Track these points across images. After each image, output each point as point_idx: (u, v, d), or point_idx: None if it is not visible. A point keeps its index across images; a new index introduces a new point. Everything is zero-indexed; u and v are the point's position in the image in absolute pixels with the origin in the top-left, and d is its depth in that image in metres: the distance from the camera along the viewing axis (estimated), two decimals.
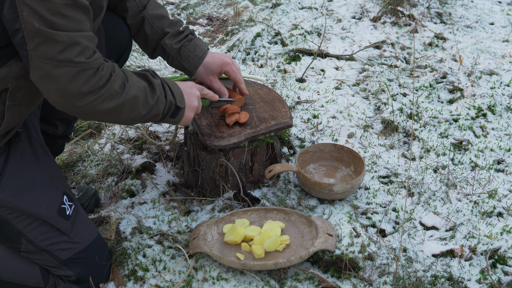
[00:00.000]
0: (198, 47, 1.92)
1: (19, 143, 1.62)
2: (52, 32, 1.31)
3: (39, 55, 1.33)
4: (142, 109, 1.55)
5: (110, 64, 1.48)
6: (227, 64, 1.94)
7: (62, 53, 1.34)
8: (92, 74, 1.40)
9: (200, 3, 4.12)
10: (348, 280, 1.73)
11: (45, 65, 1.34)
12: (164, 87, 1.63)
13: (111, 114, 1.49)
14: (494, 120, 2.58)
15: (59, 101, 1.41)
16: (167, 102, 1.62)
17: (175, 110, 1.66)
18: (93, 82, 1.40)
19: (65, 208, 1.65)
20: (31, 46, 1.32)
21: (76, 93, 1.39)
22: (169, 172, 2.26)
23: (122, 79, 1.50)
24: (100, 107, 1.45)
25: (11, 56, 1.43)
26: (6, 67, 1.43)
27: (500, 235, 1.92)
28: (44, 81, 1.37)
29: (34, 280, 1.68)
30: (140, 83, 1.55)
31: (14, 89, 1.47)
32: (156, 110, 1.59)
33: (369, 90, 2.79)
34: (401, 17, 3.58)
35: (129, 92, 1.50)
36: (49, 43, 1.32)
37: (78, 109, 1.43)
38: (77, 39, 1.35)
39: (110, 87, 1.45)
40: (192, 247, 1.79)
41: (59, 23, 1.31)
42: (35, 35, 1.31)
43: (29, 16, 1.28)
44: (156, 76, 1.64)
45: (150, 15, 1.88)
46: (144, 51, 1.98)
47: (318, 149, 2.18)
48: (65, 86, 1.37)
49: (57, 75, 1.35)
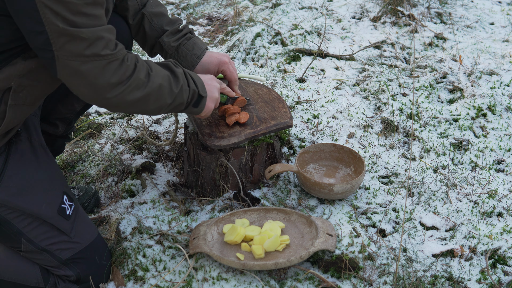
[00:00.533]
0: (196, 46, 1.93)
1: (19, 142, 1.62)
2: (76, 30, 1.34)
3: (66, 53, 1.36)
4: (168, 98, 1.59)
5: (133, 55, 1.52)
6: (224, 64, 1.96)
7: (88, 48, 1.37)
8: (119, 65, 1.44)
9: (200, 3, 4.12)
10: (348, 280, 1.73)
11: (73, 63, 1.37)
12: (187, 76, 1.66)
13: (139, 104, 1.53)
14: (494, 120, 2.58)
15: (90, 94, 1.45)
16: (190, 91, 1.65)
17: (198, 99, 1.69)
18: (120, 73, 1.44)
19: (65, 208, 1.65)
20: (57, 46, 1.35)
21: (105, 85, 1.43)
22: (169, 172, 2.26)
23: (146, 68, 1.53)
24: (128, 98, 1.49)
25: (17, 55, 1.45)
26: (11, 65, 1.45)
27: (500, 235, 1.92)
28: (73, 78, 1.41)
29: (34, 280, 1.68)
30: (163, 72, 1.59)
31: (17, 88, 1.47)
32: (181, 98, 1.63)
33: (369, 90, 2.79)
34: (401, 17, 3.58)
35: (154, 81, 1.54)
36: (75, 41, 1.35)
37: (108, 101, 1.47)
38: (100, 33, 1.39)
39: (137, 76, 1.49)
40: (192, 247, 1.79)
41: (81, 21, 1.34)
42: (60, 35, 1.33)
43: (52, 18, 1.31)
44: (178, 65, 1.67)
45: (149, 12, 1.89)
46: (143, 49, 1.99)
47: (318, 149, 2.18)
48: (94, 80, 1.41)
49: (86, 70, 1.39)
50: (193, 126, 2.02)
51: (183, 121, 2.32)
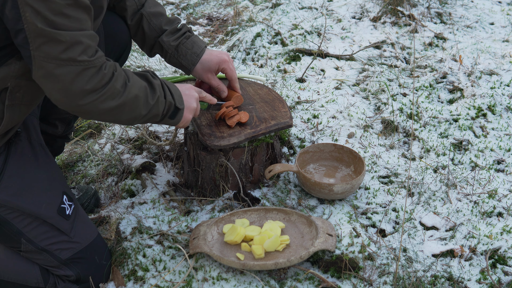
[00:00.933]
0: (195, 44, 1.93)
1: (19, 142, 1.62)
2: (54, 32, 1.31)
3: (42, 54, 1.34)
4: (143, 109, 1.56)
5: (112, 63, 1.49)
6: (225, 62, 1.95)
7: (65, 52, 1.34)
8: (95, 72, 1.41)
9: (200, 3, 4.12)
10: (348, 280, 1.73)
11: (48, 65, 1.35)
12: (164, 87, 1.64)
13: (113, 113, 1.50)
14: (494, 120, 2.58)
15: (62, 99, 1.42)
16: (166, 103, 1.62)
17: (174, 111, 1.67)
18: (96, 81, 1.41)
19: (64, 207, 1.65)
20: (34, 46, 1.33)
21: (79, 91, 1.39)
22: (169, 172, 2.26)
23: (123, 78, 1.50)
24: (102, 106, 1.45)
25: (11, 55, 1.43)
26: (6, 66, 1.43)
27: (500, 235, 1.92)
28: (47, 81, 1.38)
29: (34, 280, 1.68)
30: (141, 83, 1.56)
31: (13, 88, 1.47)
32: (156, 110, 1.60)
33: (369, 90, 2.79)
34: (401, 17, 3.58)
35: (131, 91, 1.50)
36: (52, 43, 1.33)
37: (81, 108, 1.44)
38: (79, 38, 1.36)
39: (113, 86, 1.45)
40: (192, 247, 1.79)
41: (61, 23, 1.32)
42: (37, 35, 1.31)
43: (32, 17, 1.29)
44: (156, 76, 1.65)
45: (148, 12, 1.88)
46: (142, 49, 1.99)
47: (318, 149, 2.18)
48: (68, 85, 1.38)
49: (60, 74, 1.36)
50: (193, 126, 2.02)
51: None
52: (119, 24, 1.87)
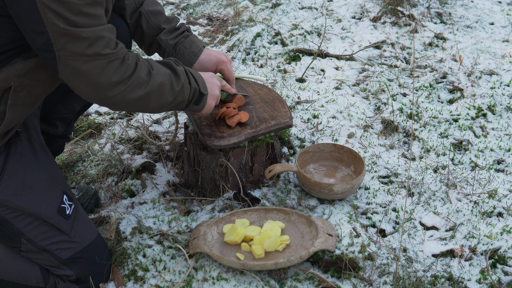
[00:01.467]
0: (193, 44, 1.93)
1: (19, 142, 1.62)
2: (77, 30, 1.35)
3: (67, 53, 1.37)
4: (169, 96, 1.59)
5: (134, 54, 1.52)
6: (223, 62, 1.96)
7: (89, 48, 1.38)
8: (120, 64, 1.45)
9: (200, 3, 4.12)
10: (348, 280, 1.73)
11: (75, 62, 1.38)
12: (188, 74, 1.67)
13: (141, 102, 1.53)
14: (494, 120, 2.58)
15: (91, 93, 1.46)
16: (191, 88, 1.66)
17: (199, 97, 1.70)
18: (121, 72, 1.45)
19: (65, 207, 1.65)
20: (58, 46, 1.35)
21: (107, 84, 1.44)
22: (169, 172, 2.26)
23: (147, 67, 1.54)
24: (130, 96, 1.49)
25: (17, 55, 1.45)
26: (11, 65, 1.45)
27: (500, 235, 1.92)
28: (75, 77, 1.42)
29: (34, 280, 1.68)
30: (165, 70, 1.59)
31: (17, 87, 1.48)
32: (182, 96, 1.63)
33: (369, 90, 2.79)
34: (401, 17, 3.58)
35: (156, 80, 1.54)
36: (76, 40, 1.36)
37: (110, 100, 1.48)
38: (101, 33, 1.39)
39: (138, 75, 1.49)
40: (192, 247, 1.79)
41: (82, 21, 1.35)
42: (61, 35, 1.34)
43: (53, 18, 1.31)
44: (179, 63, 1.68)
45: (146, 11, 1.90)
46: (140, 48, 2.00)
47: (318, 149, 2.18)
48: (96, 79, 1.42)
49: (87, 69, 1.40)
50: (193, 126, 2.02)
51: (183, 121, 2.32)
52: (120, 23, 1.88)
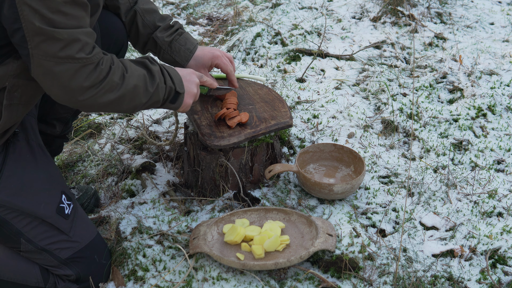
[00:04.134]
0: (188, 41, 1.94)
1: (17, 143, 1.62)
2: (52, 30, 1.33)
3: (40, 53, 1.35)
4: (143, 97, 1.58)
5: (109, 57, 1.50)
6: (218, 57, 1.96)
7: (63, 50, 1.36)
8: (93, 69, 1.43)
9: (200, 3, 4.12)
10: (348, 280, 1.73)
11: (47, 63, 1.36)
12: (163, 73, 1.65)
13: (113, 105, 1.52)
14: (494, 120, 2.58)
15: (62, 96, 1.45)
16: (166, 88, 1.64)
17: (175, 96, 1.68)
18: (94, 77, 1.43)
19: (63, 207, 1.65)
20: (32, 45, 1.34)
21: (78, 88, 1.42)
22: (169, 172, 2.25)
23: (121, 70, 1.52)
24: (101, 100, 1.48)
25: (9, 55, 1.44)
26: (4, 65, 1.44)
27: (500, 235, 1.91)
28: (46, 78, 1.40)
29: (33, 280, 1.68)
30: (139, 71, 1.58)
31: (11, 87, 1.47)
32: (157, 97, 1.62)
33: (369, 90, 2.79)
34: (401, 17, 3.58)
35: (129, 82, 1.53)
36: (50, 41, 1.34)
37: (80, 103, 1.47)
38: (77, 35, 1.37)
39: (110, 79, 1.48)
40: (192, 247, 1.79)
41: (59, 21, 1.33)
42: (36, 34, 1.32)
43: (30, 15, 1.30)
44: (155, 62, 1.66)
45: (141, 9, 1.90)
46: (134, 47, 2.00)
47: (318, 149, 2.18)
48: (67, 82, 1.40)
49: (59, 71, 1.38)
50: (193, 126, 2.02)
51: (183, 121, 2.32)
52: (116, 22, 1.88)
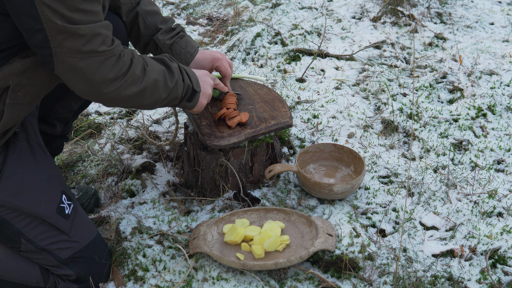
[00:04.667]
0: (189, 44, 1.96)
1: (17, 143, 1.62)
2: (74, 27, 1.35)
3: (64, 50, 1.37)
4: (163, 92, 1.61)
5: (129, 50, 1.53)
6: (218, 60, 1.98)
7: (86, 45, 1.39)
8: (116, 61, 1.46)
9: (200, 3, 4.12)
10: (348, 280, 1.73)
11: (71, 59, 1.39)
12: (181, 70, 1.68)
13: (135, 98, 1.54)
14: (494, 120, 2.58)
15: (87, 90, 1.47)
16: (184, 85, 1.67)
17: (192, 94, 1.71)
18: (117, 68, 1.46)
19: (64, 207, 1.65)
20: (55, 43, 1.36)
21: (103, 81, 1.45)
22: (169, 172, 2.26)
23: (142, 64, 1.55)
24: (124, 93, 1.50)
25: (14, 54, 1.46)
26: (9, 64, 1.46)
27: (500, 235, 1.92)
28: (71, 74, 1.43)
29: (34, 280, 1.68)
30: (159, 67, 1.60)
31: (15, 87, 1.48)
32: (175, 93, 1.65)
33: (369, 90, 2.79)
34: (401, 17, 3.58)
35: (150, 76, 1.55)
36: (73, 37, 1.36)
37: (105, 96, 1.49)
38: (97, 30, 1.40)
39: (133, 72, 1.51)
40: (192, 247, 1.79)
41: (79, 18, 1.36)
42: (58, 32, 1.35)
43: (50, 15, 1.32)
44: (173, 60, 1.69)
45: (143, 10, 1.91)
46: (134, 47, 2.00)
47: (318, 149, 2.18)
48: (92, 76, 1.43)
49: (84, 66, 1.41)
50: (193, 126, 2.02)
51: (183, 121, 2.32)
52: (117, 22, 1.88)
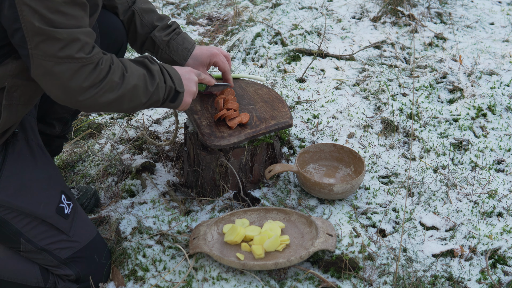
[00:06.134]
0: (186, 40, 1.95)
1: (16, 143, 1.62)
2: (52, 30, 1.33)
3: (40, 53, 1.35)
4: (143, 97, 1.58)
5: (108, 57, 1.50)
6: (216, 55, 1.97)
7: (62, 50, 1.36)
8: (93, 69, 1.43)
9: (200, 3, 4.12)
10: (348, 280, 1.73)
11: (47, 63, 1.36)
12: (163, 72, 1.65)
13: (113, 105, 1.52)
14: (494, 120, 2.58)
15: (61, 96, 1.44)
16: (166, 87, 1.64)
17: (175, 95, 1.69)
18: (93, 77, 1.43)
19: (63, 207, 1.65)
20: (32, 45, 1.34)
21: (77, 88, 1.42)
22: (169, 172, 2.25)
23: (121, 69, 1.52)
24: (101, 100, 1.47)
25: (8, 55, 1.44)
26: (3, 66, 1.44)
27: (500, 235, 1.91)
28: (46, 78, 1.40)
29: (33, 280, 1.68)
30: (139, 71, 1.57)
31: (11, 88, 1.48)
32: (157, 96, 1.62)
33: (369, 90, 2.79)
34: (401, 17, 3.58)
35: (129, 82, 1.52)
36: (50, 41, 1.34)
37: (80, 103, 1.46)
38: (77, 35, 1.37)
39: (110, 79, 1.47)
40: (192, 247, 1.79)
41: (59, 21, 1.33)
42: (35, 34, 1.32)
43: (29, 16, 1.30)
44: (154, 61, 1.66)
45: (140, 8, 1.91)
46: (132, 46, 2.00)
47: (318, 149, 2.18)
48: (66, 82, 1.40)
49: (59, 71, 1.38)
50: (193, 126, 2.02)
51: (183, 121, 2.32)
52: (115, 21, 1.88)
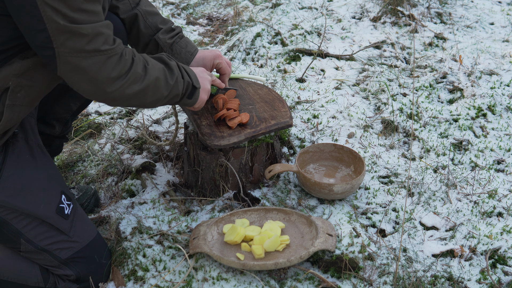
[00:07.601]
0: (189, 44, 1.98)
1: (16, 143, 1.63)
2: (77, 26, 1.36)
3: (67, 50, 1.38)
4: (164, 90, 1.63)
5: (130, 49, 1.55)
6: (219, 57, 2.01)
7: (89, 44, 1.40)
8: (118, 59, 1.48)
9: (200, 3, 4.12)
10: (348, 280, 1.73)
11: (74, 59, 1.40)
12: (180, 68, 1.70)
13: (138, 97, 1.56)
14: (494, 120, 2.58)
15: (91, 89, 1.48)
16: (184, 82, 1.69)
17: (192, 91, 1.74)
18: (120, 67, 1.48)
19: (63, 207, 1.65)
20: (58, 43, 1.37)
21: (106, 80, 1.46)
22: (169, 172, 2.25)
23: (143, 62, 1.57)
24: (128, 91, 1.52)
25: (14, 55, 1.47)
26: (9, 65, 1.46)
27: (500, 235, 1.92)
28: (74, 74, 1.44)
29: (34, 280, 1.68)
30: (159, 65, 1.63)
31: (15, 88, 1.48)
32: (176, 90, 1.66)
33: (369, 90, 2.79)
34: (401, 17, 3.58)
35: (151, 74, 1.57)
36: (76, 37, 1.38)
37: (108, 95, 1.51)
38: (99, 29, 1.42)
39: (135, 70, 1.52)
40: (192, 247, 1.79)
41: (81, 18, 1.37)
42: (61, 32, 1.36)
43: (53, 15, 1.33)
44: (171, 58, 1.71)
45: (143, 11, 1.93)
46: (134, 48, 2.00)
47: (318, 149, 2.18)
48: (95, 75, 1.44)
49: (87, 65, 1.42)
50: (193, 126, 2.02)
51: (183, 121, 2.32)
52: (117, 22, 1.88)
